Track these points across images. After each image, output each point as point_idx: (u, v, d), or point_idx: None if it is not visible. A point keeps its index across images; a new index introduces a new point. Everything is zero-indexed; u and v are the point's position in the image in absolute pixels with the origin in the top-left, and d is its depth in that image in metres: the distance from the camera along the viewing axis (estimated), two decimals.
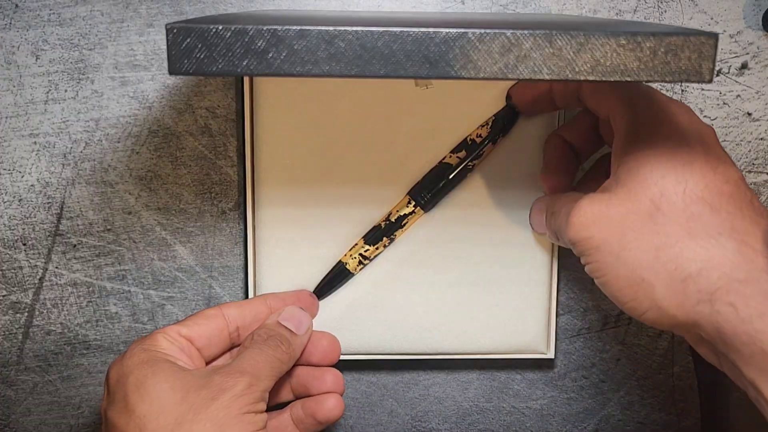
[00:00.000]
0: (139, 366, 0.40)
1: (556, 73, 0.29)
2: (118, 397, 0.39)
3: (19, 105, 0.47)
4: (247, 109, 0.47)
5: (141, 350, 0.41)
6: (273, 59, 0.29)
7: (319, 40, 0.29)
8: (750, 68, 0.49)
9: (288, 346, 0.43)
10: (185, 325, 0.43)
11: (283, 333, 0.44)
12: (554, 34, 0.29)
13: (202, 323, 0.44)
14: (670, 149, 0.36)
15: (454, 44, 0.29)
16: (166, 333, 0.42)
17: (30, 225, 0.49)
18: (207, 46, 0.29)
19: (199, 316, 0.44)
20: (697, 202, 0.35)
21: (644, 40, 0.29)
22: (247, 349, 0.42)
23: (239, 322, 0.45)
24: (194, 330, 0.43)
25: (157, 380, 0.39)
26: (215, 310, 0.45)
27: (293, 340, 0.44)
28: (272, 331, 0.44)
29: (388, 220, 0.48)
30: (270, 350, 0.42)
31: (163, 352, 0.41)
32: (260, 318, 0.46)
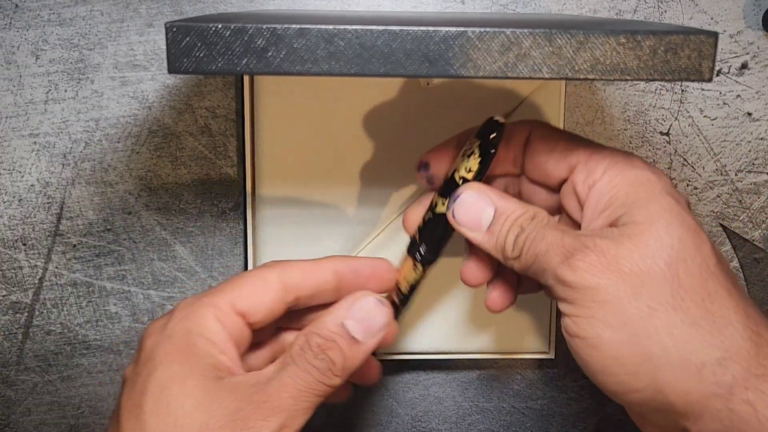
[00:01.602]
0: (173, 356, 0.34)
1: (555, 72, 0.29)
2: (139, 384, 0.34)
3: (19, 105, 0.47)
4: (247, 109, 0.47)
5: (184, 331, 0.34)
6: (272, 58, 0.29)
7: (319, 39, 0.29)
8: (750, 68, 0.49)
9: (343, 365, 0.35)
10: (241, 297, 0.36)
11: (342, 345, 0.35)
12: (554, 32, 0.29)
13: (261, 295, 0.36)
14: (677, 208, 0.32)
15: (454, 43, 0.29)
16: (218, 308, 0.35)
17: (30, 225, 0.49)
18: (206, 44, 0.29)
19: (257, 282, 0.36)
20: (713, 277, 0.31)
21: (644, 38, 0.29)
22: (288, 368, 0.34)
23: (299, 292, 0.37)
24: (251, 303, 0.36)
25: (183, 392, 0.33)
26: (275, 273, 0.37)
27: (352, 353, 0.35)
28: (328, 339, 0.35)
29: (401, 294, 0.40)
30: (316, 374, 0.34)
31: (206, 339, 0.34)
32: (324, 290, 0.38)
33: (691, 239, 0.31)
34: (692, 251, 0.31)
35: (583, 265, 0.31)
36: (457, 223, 0.36)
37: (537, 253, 0.33)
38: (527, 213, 0.34)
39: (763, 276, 0.52)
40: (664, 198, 0.32)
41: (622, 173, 0.33)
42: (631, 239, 0.31)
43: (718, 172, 0.50)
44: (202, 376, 0.33)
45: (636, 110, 0.49)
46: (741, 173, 0.51)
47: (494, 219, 0.35)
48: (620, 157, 0.34)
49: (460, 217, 0.36)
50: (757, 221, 0.51)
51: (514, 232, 0.34)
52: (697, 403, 0.30)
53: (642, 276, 0.31)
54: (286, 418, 0.33)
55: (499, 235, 0.35)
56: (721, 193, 0.51)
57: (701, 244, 0.32)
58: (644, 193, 0.32)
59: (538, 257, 0.33)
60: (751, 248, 0.52)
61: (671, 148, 0.50)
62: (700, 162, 0.50)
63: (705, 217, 0.51)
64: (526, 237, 0.34)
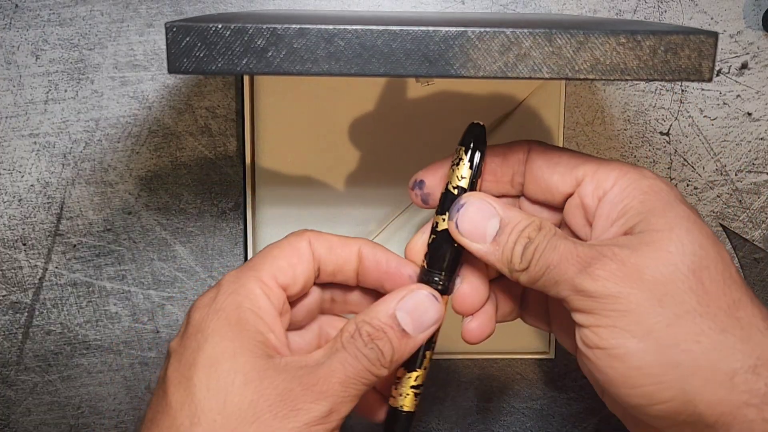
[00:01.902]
0: (223, 331, 0.33)
1: (555, 72, 0.29)
2: (187, 356, 0.33)
3: (19, 105, 0.47)
4: (247, 109, 0.47)
5: (234, 305, 0.34)
6: (272, 58, 0.29)
7: (319, 39, 0.29)
8: (750, 68, 0.49)
9: (391, 356, 0.34)
10: (281, 269, 0.35)
11: (392, 336, 0.34)
12: (554, 32, 0.29)
13: (298, 265, 0.36)
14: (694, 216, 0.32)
15: (454, 43, 0.29)
16: (263, 281, 0.35)
17: (30, 225, 0.49)
18: (206, 44, 0.29)
19: (292, 253, 0.36)
20: (736, 285, 0.31)
21: (644, 38, 0.29)
22: (338, 354, 0.33)
23: (322, 264, 0.37)
24: (291, 275, 0.35)
25: (234, 367, 0.32)
26: (305, 241, 0.36)
27: (401, 345, 0.34)
28: (378, 329, 0.34)
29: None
30: (365, 362, 0.33)
31: (256, 315, 0.34)
32: (345, 269, 0.37)
33: (712, 246, 0.31)
34: (714, 258, 0.31)
35: (604, 273, 0.30)
36: (460, 233, 0.34)
37: (549, 264, 0.32)
38: (534, 223, 0.33)
39: (763, 276, 0.52)
40: (680, 206, 0.32)
41: (635, 183, 0.33)
42: (651, 246, 0.31)
43: (718, 172, 0.50)
44: (253, 353, 0.33)
45: (636, 110, 0.49)
46: (741, 173, 0.51)
47: (500, 229, 0.33)
48: (629, 168, 0.34)
49: (463, 227, 0.34)
50: (757, 221, 0.51)
51: (521, 242, 0.33)
52: (729, 413, 0.29)
53: (666, 283, 0.30)
54: (335, 403, 0.33)
55: (505, 246, 0.33)
56: (721, 193, 0.51)
57: (721, 251, 0.31)
58: (659, 201, 0.32)
59: (549, 268, 0.32)
60: (751, 248, 0.51)
61: (671, 148, 0.50)
62: (700, 162, 0.50)
63: (705, 217, 0.51)
64: (535, 248, 0.32)
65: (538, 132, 0.48)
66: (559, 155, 0.35)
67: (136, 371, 0.51)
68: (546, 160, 0.35)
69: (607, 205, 0.33)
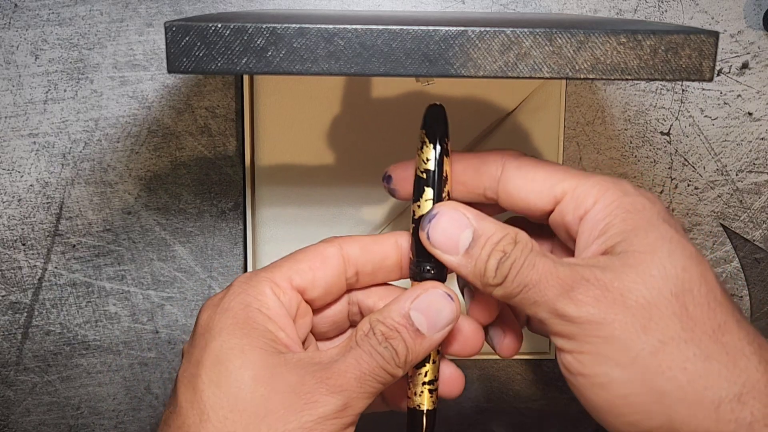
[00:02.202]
0: (231, 329, 0.32)
1: (556, 72, 0.29)
2: (195, 356, 0.33)
3: (18, 105, 0.47)
4: (246, 109, 0.47)
5: (242, 304, 0.33)
6: (272, 57, 0.29)
7: (319, 38, 0.29)
8: (751, 68, 0.49)
9: (405, 356, 0.33)
10: (300, 272, 0.34)
11: (405, 336, 0.33)
12: (554, 32, 0.29)
13: (319, 268, 0.35)
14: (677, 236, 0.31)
15: (454, 42, 0.29)
16: (275, 282, 0.34)
17: (29, 225, 0.49)
18: (206, 44, 0.29)
19: (315, 256, 0.35)
20: (720, 307, 0.30)
21: (644, 38, 0.29)
22: (353, 351, 0.33)
23: (359, 267, 0.36)
24: (309, 278, 0.34)
25: (243, 363, 0.31)
26: (334, 246, 0.35)
27: (416, 345, 0.33)
28: (391, 328, 0.33)
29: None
30: (380, 360, 0.32)
31: (265, 314, 0.33)
32: (386, 265, 0.36)
33: (696, 268, 0.30)
34: (698, 281, 0.30)
35: (586, 298, 0.30)
36: (431, 245, 0.33)
37: (527, 283, 0.31)
38: (509, 236, 0.32)
39: (763, 276, 0.52)
40: (663, 225, 0.31)
41: (617, 200, 0.32)
42: (634, 269, 0.30)
43: (718, 172, 0.50)
44: (262, 350, 0.32)
45: (636, 110, 0.49)
46: (742, 173, 0.50)
47: (473, 241, 0.32)
48: (610, 184, 0.32)
49: (435, 238, 0.33)
50: (757, 221, 0.51)
51: (496, 256, 0.32)
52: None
53: (649, 308, 0.29)
54: (350, 398, 0.32)
55: (478, 258, 0.32)
56: (722, 193, 0.51)
57: (705, 272, 0.30)
58: (641, 220, 0.31)
59: (528, 287, 0.31)
60: (752, 248, 0.51)
61: (672, 148, 0.50)
62: (701, 162, 0.50)
63: (706, 217, 0.51)
64: (512, 263, 0.31)
65: (538, 132, 0.48)
66: (534, 170, 0.34)
67: (136, 372, 0.51)
68: (521, 177, 0.34)
69: (588, 223, 0.32)
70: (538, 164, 0.34)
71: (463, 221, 0.33)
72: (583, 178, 0.33)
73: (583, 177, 0.33)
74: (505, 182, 0.34)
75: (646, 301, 0.29)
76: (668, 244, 0.30)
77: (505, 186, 0.34)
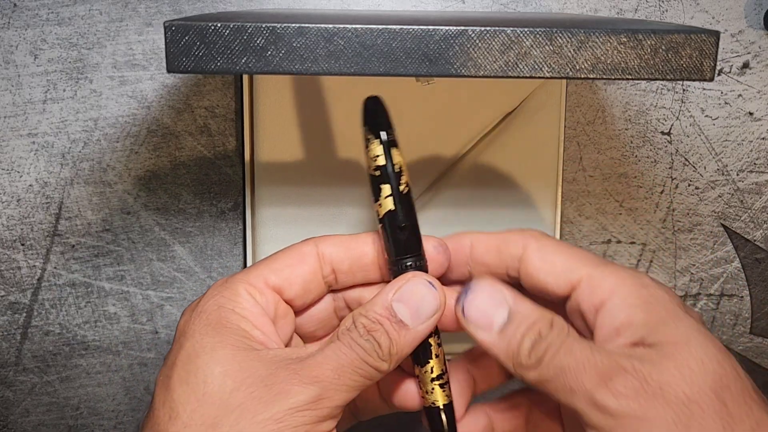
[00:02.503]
0: (203, 329, 0.32)
1: (556, 71, 0.29)
2: (170, 359, 0.32)
3: (17, 104, 0.47)
4: (246, 109, 0.47)
5: (214, 306, 0.33)
6: (272, 57, 0.29)
7: (318, 38, 0.29)
8: (751, 68, 0.49)
9: (389, 349, 0.32)
10: (275, 271, 0.34)
11: (389, 328, 0.32)
12: (555, 31, 0.29)
13: (296, 266, 0.34)
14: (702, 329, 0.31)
15: (454, 42, 0.29)
16: (250, 283, 0.33)
17: (28, 225, 0.49)
18: (205, 43, 0.29)
19: (292, 255, 0.35)
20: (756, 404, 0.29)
21: (645, 37, 0.29)
22: (332, 344, 0.32)
23: (335, 264, 0.35)
24: (285, 276, 0.34)
25: (213, 359, 0.31)
26: (310, 246, 0.35)
27: (400, 337, 0.32)
28: (374, 321, 0.32)
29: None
30: (360, 352, 0.32)
31: (238, 314, 0.33)
32: (364, 263, 0.35)
33: (728, 362, 0.30)
34: (733, 376, 0.29)
35: (625, 390, 0.29)
36: (466, 319, 0.33)
37: (563, 368, 0.30)
38: (545, 318, 0.31)
39: (764, 276, 0.52)
40: (686, 317, 0.31)
41: (635, 293, 0.31)
42: (672, 361, 0.29)
43: (719, 172, 0.50)
44: (233, 346, 0.31)
45: (637, 110, 0.49)
46: (742, 173, 0.50)
47: (508, 320, 0.32)
48: (626, 275, 0.32)
49: (470, 313, 0.33)
50: (758, 221, 0.51)
51: (531, 337, 0.31)
52: None
53: (690, 405, 0.28)
54: (324, 389, 0.31)
55: (512, 338, 0.31)
56: (723, 193, 0.51)
57: (737, 367, 0.30)
58: (664, 312, 0.31)
59: (563, 372, 0.30)
60: (753, 248, 0.51)
61: (672, 148, 0.50)
62: (702, 162, 0.50)
63: (706, 217, 0.51)
64: (547, 346, 0.31)
65: (539, 132, 0.48)
66: (554, 254, 0.34)
67: (135, 372, 0.50)
68: (541, 259, 0.34)
69: (606, 315, 0.32)
70: (559, 247, 0.34)
71: (500, 299, 0.32)
72: (600, 266, 0.33)
73: (600, 265, 0.33)
74: (526, 264, 0.34)
75: (686, 397, 0.29)
76: (697, 335, 0.30)
77: (525, 267, 0.34)
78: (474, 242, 0.35)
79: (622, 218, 0.51)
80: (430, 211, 0.49)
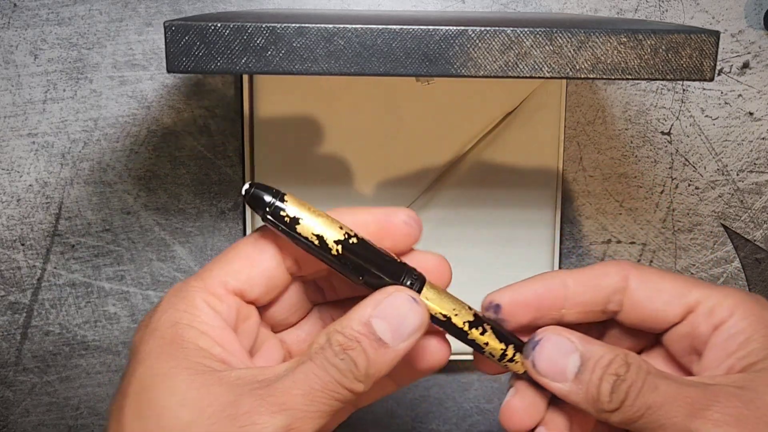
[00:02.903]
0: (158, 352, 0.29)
1: (556, 71, 0.29)
2: (123, 385, 0.30)
3: (17, 104, 0.47)
4: (246, 109, 0.47)
5: (169, 323, 0.30)
6: (272, 57, 0.29)
7: (318, 38, 0.29)
8: (751, 67, 0.49)
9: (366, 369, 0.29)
10: (234, 273, 0.31)
11: (366, 347, 0.29)
12: (555, 31, 0.29)
13: (256, 265, 0.31)
14: None
15: (454, 42, 0.29)
16: (208, 291, 0.30)
17: (28, 225, 0.49)
18: (205, 43, 0.29)
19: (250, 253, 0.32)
20: None
21: (645, 37, 0.29)
22: (303, 366, 0.29)
23: (295, 253, 0.32)
24: (245, 278, 0.31)
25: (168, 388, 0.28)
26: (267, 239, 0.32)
27: (378, 357, 0.29)
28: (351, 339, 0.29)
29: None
30: (334, 373, 0.29)
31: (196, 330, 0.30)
32: None
33: None
34: None
35: (725, 417, 0.27)
36: (538, 373, 0.31)
37: (650, 405, 0.29)
38: (618, 357, 0.30)
39: (764, 276, 0.52)
40: None
41: (757, 314, 0.31)
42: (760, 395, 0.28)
43: (719, 172, 0.50)
44: (191, 370, 0.28)
45: (637, 110, 0.49)
46: (742, 173, 0.50)
47: (581, 366, 0.30)
48: (745, 295, 0.31)
49: (541, 366, 0.31)
50: (758, 221, 0.51)
51: (609, 380, 0.30)
52: None
53: None
54: (295, 418, 0.28)
55: (590, 384, 0.30)
56: (723, 193, 0.51)
57: None
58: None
59: (651, 410, 0.29)
60: (753, 248, 0.51)
61: (672, 148, 0.50)
62: (702, 162, 0.50)
63: (706, 217, 0.51)
64: (629, 386, 0.29)
65: (539, 132, 0.48)
66: (661, 280, 0.32)
67: None
68: (650, 288, 0.32)
69: (723, 335, 0.31)
70: (661, 273, 0.33)
71: (568, 346, 0.31)
72: (716, 287, 0.32)
73: (714, 287, 0.32)
74: (631, 294, 0.32)
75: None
76: None
77: (631, 298, 0.32)
78: (567, 281, 0.33)
79: (622, 218, 0.51)
80: (430, 211, 0.49)
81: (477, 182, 0.48)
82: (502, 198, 0.49)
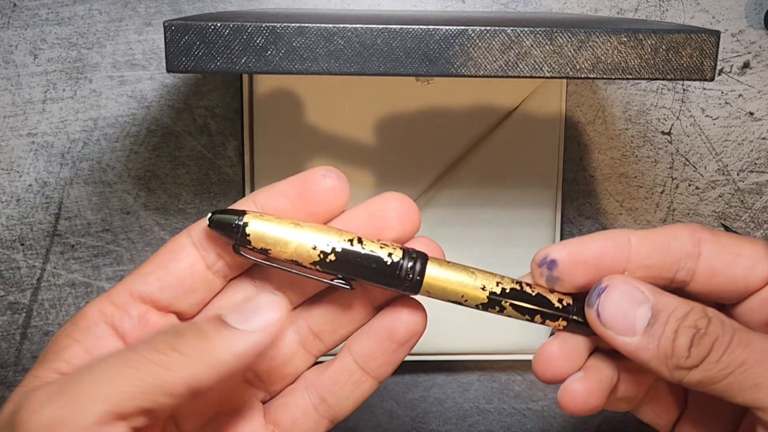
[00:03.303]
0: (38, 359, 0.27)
1: (556, 71, 0.29)
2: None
3: (17, 104, 0.47)
4: (246, 108, 0.47)
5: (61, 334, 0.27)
6: (272, 56, 0.29)
7: (318, 38, 0.29)
8: (752, 67, 0.49)
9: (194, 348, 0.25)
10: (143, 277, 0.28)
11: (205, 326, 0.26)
12: (555, 31, 0.29)
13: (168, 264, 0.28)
14: None
15: (454, 41, 0.29)
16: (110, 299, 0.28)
17: (28, 225, 0.48)
18: (205, 43, 0.29)
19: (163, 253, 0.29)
20: None
21: (645, 37, 0.29)
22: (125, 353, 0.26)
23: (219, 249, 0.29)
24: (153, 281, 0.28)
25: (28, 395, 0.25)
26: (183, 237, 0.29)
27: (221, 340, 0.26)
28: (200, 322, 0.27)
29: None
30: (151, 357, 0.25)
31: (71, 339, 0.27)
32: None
33: None
34: None
35: None
36: (602, 325, 0.28)
37: (742, 362, 0.26)
38: (696, 309, 0.27)
39: None
40: None
41: None
42: None
43: (720, 172, 0.50)
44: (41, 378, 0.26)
45: (637, 109, 0.49)
46: (743, 173, 0.50)
47: (652, 317, 0.27)
48: None
49: (606, 316, 0.28)
50: (759, 221, 0.51)
51: (686, 333, 0.27)
52: None
53: None
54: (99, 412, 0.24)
55: (662, 337, 0.27)
56: (723, 193, 0.51)
57: None
58: None
59: (744, 368, 0.26)
60: None
61: (673, 148, 0.50)
62: (702, 162, 0.50)
63: (707, 217, 0.51)
64: (713, 341, 0.27)
65: (539, 132, 0.48)
66: (737, 243, 0.29)
67: None
68: (726, 252, 0.29)
69: None
70: (735, 236, 0.30)
71: (638, 296, 0.28)
72: None
73: None
74: (707, 259, 0.29)
75: None
76: None
77: (707, 263, 0.29)
78: (633, 240, 0.29)
79: (622, 218, 0.51)
80: (430, 211, 0.49)
81: (477, 182, 0.48)
82: (502, 198, 0.49)
